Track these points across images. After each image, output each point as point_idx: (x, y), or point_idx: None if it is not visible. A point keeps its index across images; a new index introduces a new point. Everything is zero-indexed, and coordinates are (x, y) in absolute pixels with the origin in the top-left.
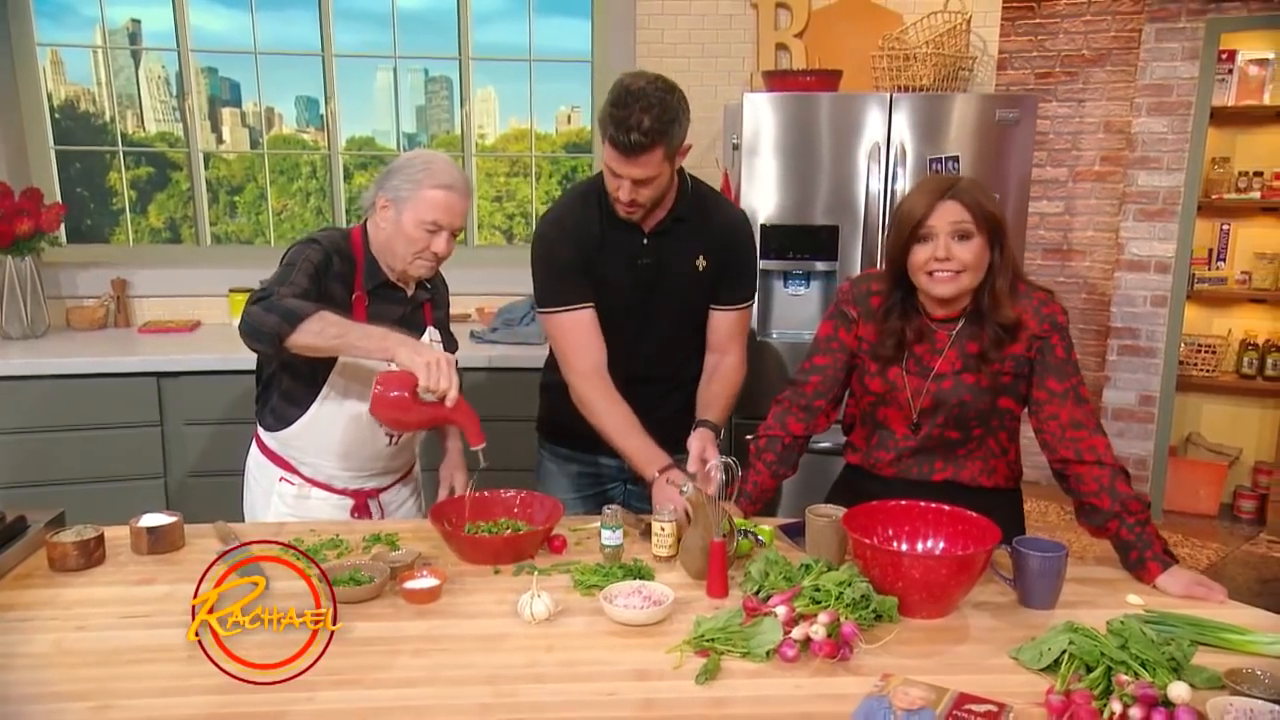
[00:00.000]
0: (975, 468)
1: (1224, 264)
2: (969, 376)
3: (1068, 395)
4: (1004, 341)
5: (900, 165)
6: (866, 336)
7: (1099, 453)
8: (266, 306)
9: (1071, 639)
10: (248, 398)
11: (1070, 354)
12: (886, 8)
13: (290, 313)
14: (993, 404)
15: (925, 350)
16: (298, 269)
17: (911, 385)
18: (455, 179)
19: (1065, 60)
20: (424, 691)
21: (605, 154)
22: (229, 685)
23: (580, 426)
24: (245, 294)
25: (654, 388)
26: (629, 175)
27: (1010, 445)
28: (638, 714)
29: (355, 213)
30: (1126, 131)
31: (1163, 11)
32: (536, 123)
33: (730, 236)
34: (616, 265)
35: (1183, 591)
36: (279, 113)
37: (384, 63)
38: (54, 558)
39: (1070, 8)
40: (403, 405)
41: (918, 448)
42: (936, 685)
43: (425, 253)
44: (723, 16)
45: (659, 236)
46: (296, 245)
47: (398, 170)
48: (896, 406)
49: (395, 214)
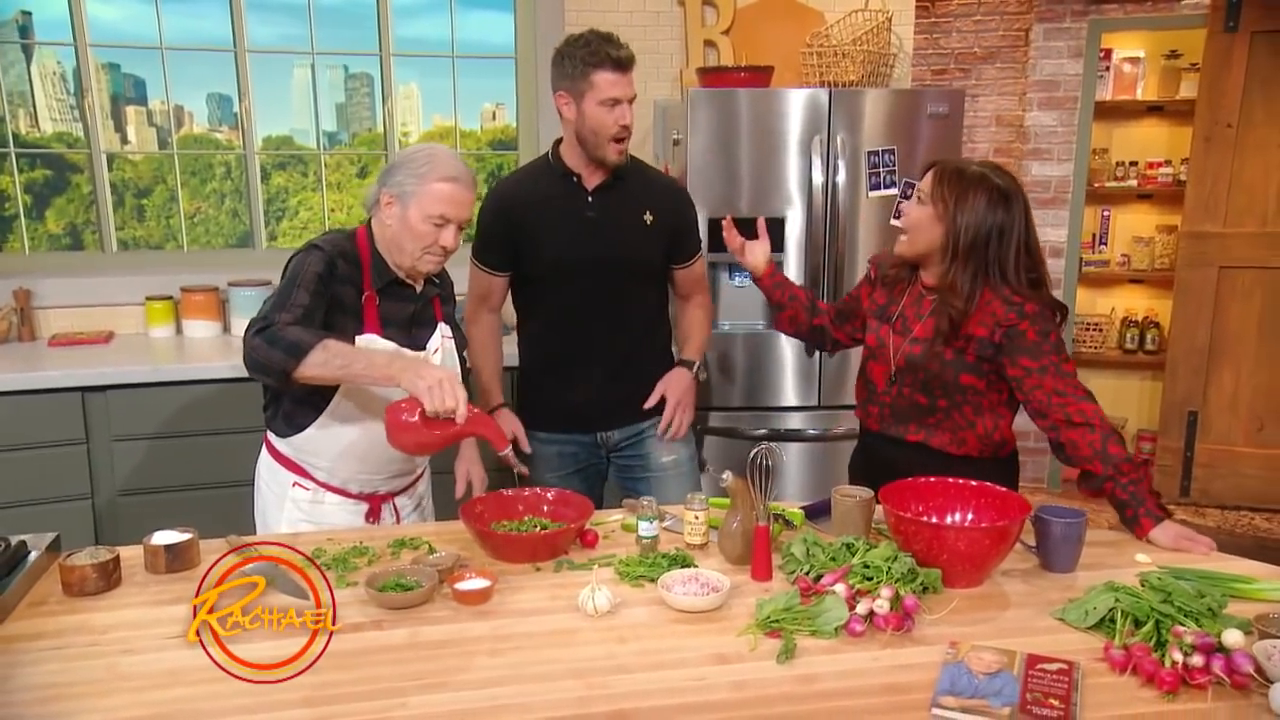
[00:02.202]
0: (944, 437)
1: (1106, 247)
2: (939, 346)
3: (1045, 370)
4: (955, 327)
5: (841, 158)
6: (878, 299)
7: (1087, 416)
8: (269, 339)
9: (1117, 597)
10: (182, 410)
11: (1046, 338)
12: (809, 6)
13: (294, 346)
14: (956, 377)
15: (912, 314)
16: (299, 285)
17: (894, 343)
18: (460, 171)
19: (959, 58)
20: (515, 690)
21: (600, 89)
22: (317, 698)
23: (552, 407)
24: (164, 302)
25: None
26: (627, 95)
27: (976, 419)
28: (733, 695)
29: (274, 214)
30: (1017, 125)
31: (1049, 13)
32: (461, 120)
33: (674, 198)
34: (564, 220)
35: (1171, 543)
36: (189, 111)
37: (301, 59)
38: (71, 582)
39: (962, 7)
40: (416, 429)
41: (893, 405)
42: (1004, 649)
43: (434, 247)
44: (650, 13)
45: (603, 192)
46: (297, 255)
47: (400, 165)
48: (881, 361)
49: (400, 210)
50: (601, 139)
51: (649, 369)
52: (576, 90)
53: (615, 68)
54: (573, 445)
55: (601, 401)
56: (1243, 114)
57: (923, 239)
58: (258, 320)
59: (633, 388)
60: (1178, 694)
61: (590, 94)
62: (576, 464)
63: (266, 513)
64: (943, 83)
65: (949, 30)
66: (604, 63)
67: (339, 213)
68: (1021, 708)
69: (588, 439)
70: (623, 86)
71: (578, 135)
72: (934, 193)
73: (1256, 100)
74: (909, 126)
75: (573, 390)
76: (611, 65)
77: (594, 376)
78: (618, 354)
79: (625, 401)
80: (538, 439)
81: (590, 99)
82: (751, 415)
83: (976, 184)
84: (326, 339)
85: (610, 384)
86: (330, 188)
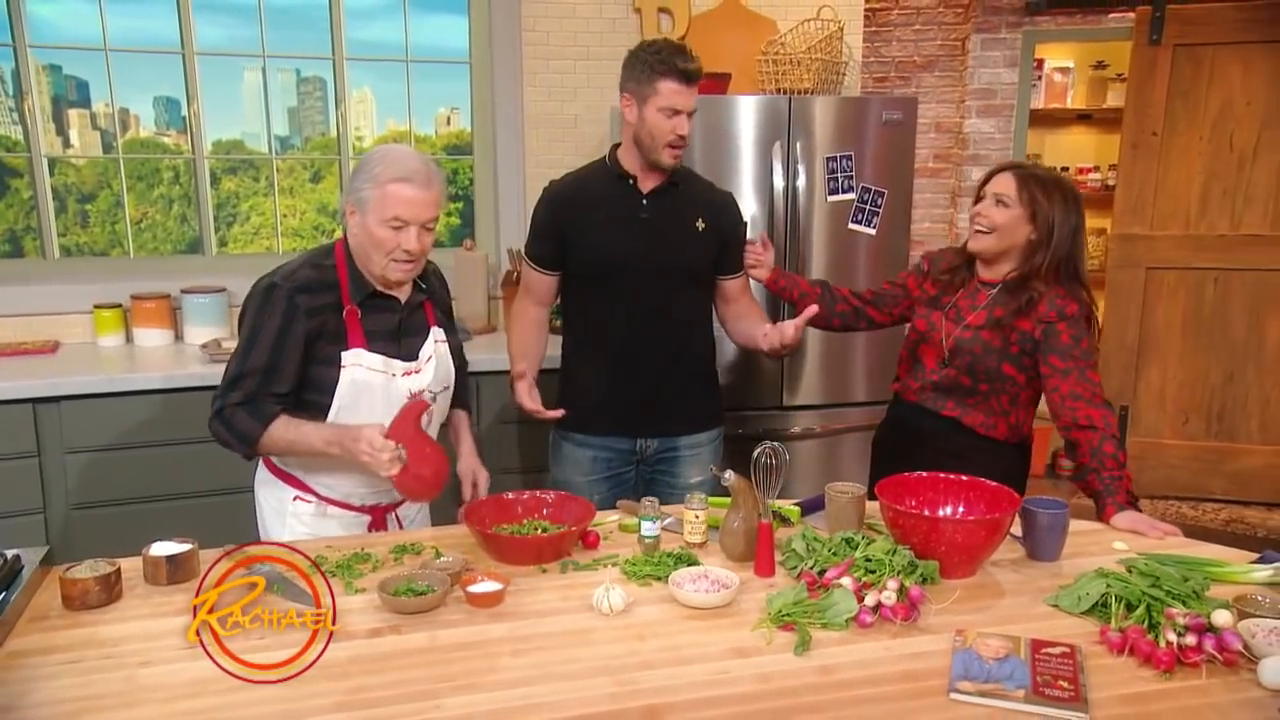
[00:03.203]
0: (978, 418)
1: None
2: (987, 334)
3: (1069, 373)
4: (1023, 312)
5: (802, 163)
6: (929, 290)
7: (1094, 420)
8: (224, 424)
9: (1108, 583)
10: (137, 421)
11: (1079, 342)
12: (761, 14)
13: (244, 436)
14: (999, 365)
15: (967, 304)
16: (256, 345)
17: (946, 328)
18: (412, 169)
19: (899, 65)
20: (546, 689)
21: (664, 98)
22: (351, 702)
23: (595, 408)
24: (113, 310)
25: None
26: (688, 107)
27: (1011, 409)
28: (758, 688)
29: (225, 220)
30: (956, 131)
31: (986, 23)
32: (415, 124)
33: (728, 208)
34: (618, 220)
35: (1128, 527)
36: (135, 114)
37: (251, 62)
38: (73, 595)
39: (902, 17)
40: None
41: (938, 383)
42: (1008, 635)
43: (396, 252)
44: (607, 20)
45: (657, 196)
46: (255, 297)
47: (357, 172)
48: (932, 344)
49: (361, 218)
50: (658, 143)
51: (693, 374)
52: (641, 94)
53: (681, 79)
54: (608, 451)
55: (645, 404)
56: (1167, 123)
57: (1009, 238)
58: (216, 396)
59: (676, 393)
60: (1174, 672)
61: (653, 99)
62: (609, 469)
63: (268, 526)
64: (884, 90)
65: (889, 39)
66: (671, 72)
67: (291, 218)
68: (1034, 690)
69: (625, 445)
70: (685, 98)
71: (635, 137)
72: (1020, 195)
73: (1179, 110)
74: (864, 132)
75: (617, 391)
76: (678, 76)
77: (639, 377)
78: (664, 356)
79: (668, 407)
80: (574, 440)
81: (652, 104)
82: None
83: (1056, 186)
84: (275, 418)
85: (654, 387)
86: (283, 193)
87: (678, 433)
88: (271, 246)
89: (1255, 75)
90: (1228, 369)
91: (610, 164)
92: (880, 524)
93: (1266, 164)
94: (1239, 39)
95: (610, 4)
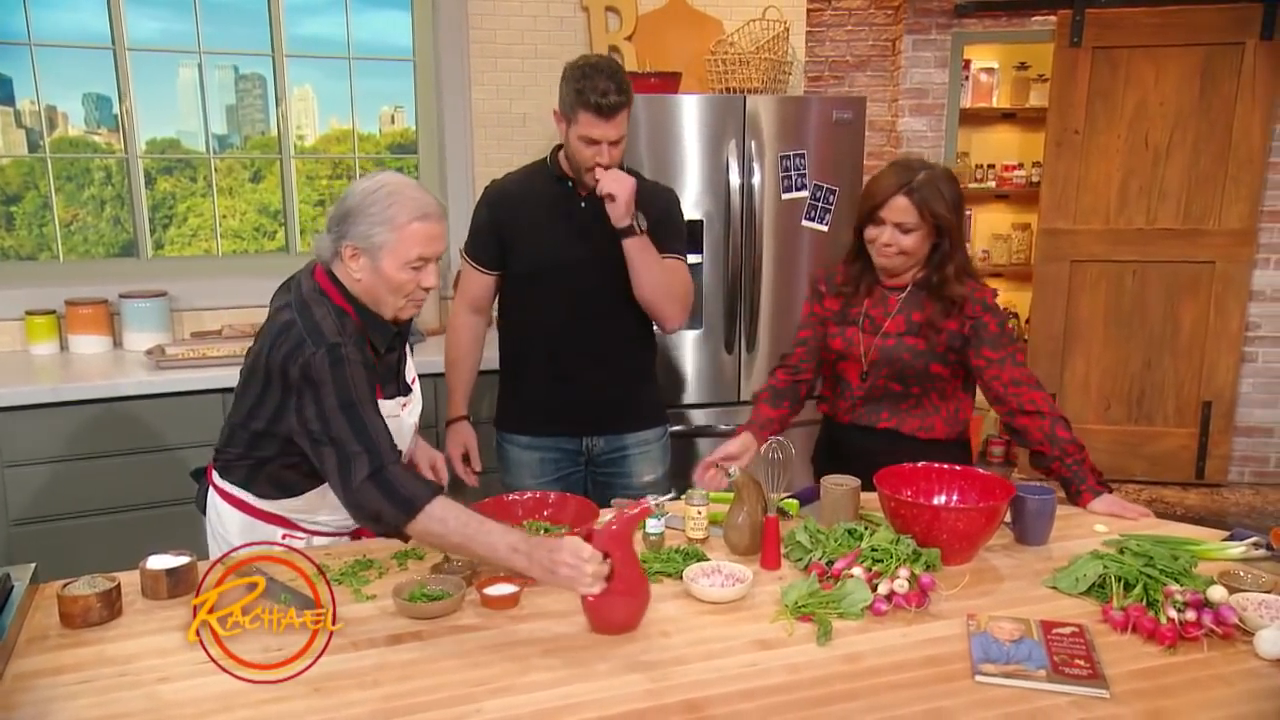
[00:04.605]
0: (914, 423)
1: (969, 244)
2: (910, 339)
3: (1005, 361)
4: (950, 313)
5: (756, 161)
6: (831, 307)
7: (1038, 404)
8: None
9: (1105, 564)
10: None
11: (1004, 329)
12: (708, 14)
13: (408, 502)
14: (927, 367)
15: (879, 312)
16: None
17: (864, 342)
18: (425, 204)
19: (833, 65)
20: (583, 688)
21: (581, 126)
22: (390, 710)
23: (539, 408)
24: (46, 316)
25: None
26: (607, 137)
27: (943, 405)
28: (791, 678)
29: (160, 221)
30: (889, 130)
31: (917, 25)
32: (359, 123)
33: (662, 197)
34: (557, 222)
35: (1106, 511)
36: (63, 112)
37: (187, 58)
38: (74, 613)
39: (835, 18)
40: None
41: (866, 397)
42: (1018, 618)
43: (415, 293)
44: (554, 19)
45: (596, 199)
46: (316, 360)
47: (359, 212)
48: (852, 360)
49: (370, 261)
50: (580, 168)
51: (637, 373)
52: (565, 115)
53: (595, 113)
54: (555, 452)
55: (589, 403)
56: (1088, 122)
57: (918, 254)
58: (358, 458)
59: (621, 393)
60: (1177, 647)
61: (574, 126)
62: (557, 471)
63: None
64: (819, 89)
65: (823, 39)
66: (586, 105)
67: (231, 219)
68: (1054, 669)
69: (572, 446)
70: (601, 129)
71: (565, 153)
72: (922, 217)
73: (1099, 110)
74: (814, 131)
75: (560, 391)
76: (592, 110)
77: (581, 377)
78: (605, 357)
79: (613, 406)
80: (519, 443)
81: (574, 130)
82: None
83: (942, 185)
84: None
85: (598, 386)
86: (221, 193)
87: (624, 430)
88: (210, 249)
89: (1167, 77)
90: (1146, 356)
91: (551, 165)
92: (871, 514)
93: (1178, 162)
94: (1152, 43)
95: (558, 2)
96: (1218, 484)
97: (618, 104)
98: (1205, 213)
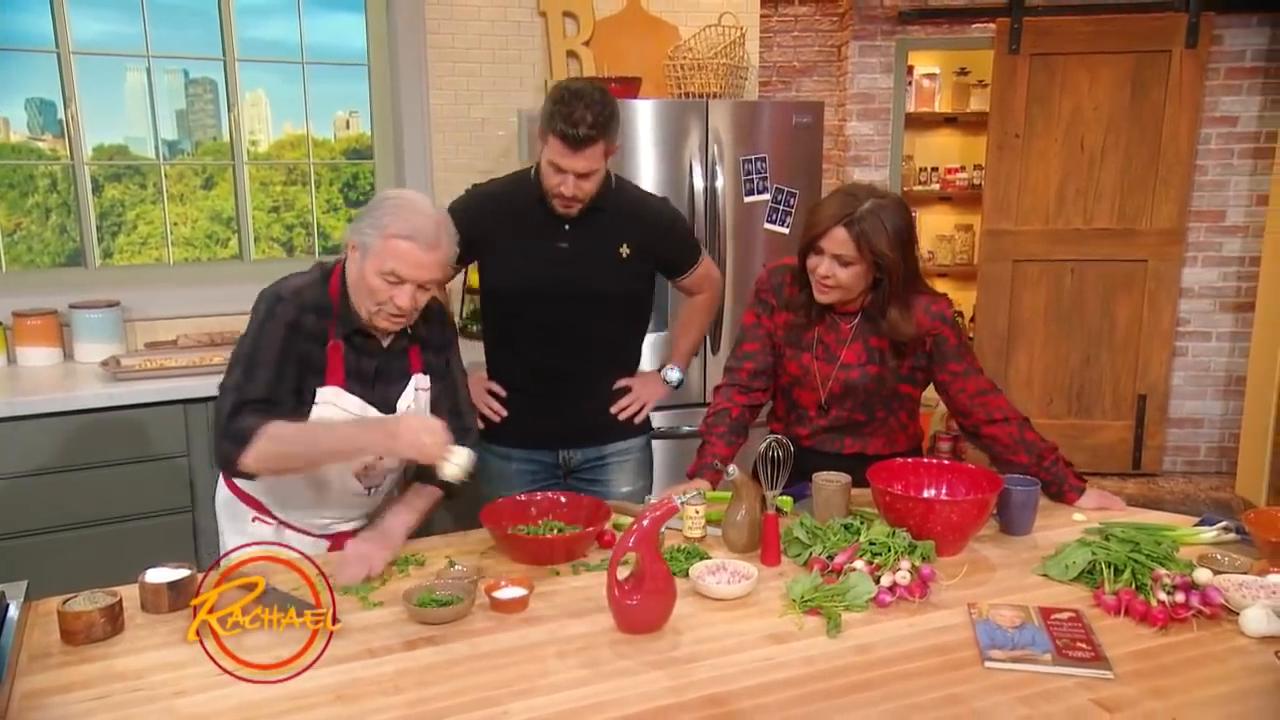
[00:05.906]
0: (879, 442)
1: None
2: (873, 368)
3: (968, 373)
4: (903, 350)
5: (719, 164)
6: (781, 324)
7: (1005, 410)
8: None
9: (1093, 551)
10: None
11: (961, 339)
12: (663, 20)
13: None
14: (895, 388)
15: (832, 339)
16: (258, 362)
17: (821, 371)
18: (418, 227)
19: (780, 70)
20: (605, 687)
21: (550, 150)
22: (416, 715)
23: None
24: None
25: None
26: (573, 169)
27: (910, 421)
28: (806, 670)
29: (109, 229)
30: (837, 134)
31: (863, 31)
32: (313, 128)
33: (653, 222)
34: (534, 248)
35: (1094, 505)
36: (4, 118)
37: (135, 62)
38: (76, 630)
39: (781, 24)
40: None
41: (828, 427)
42: (1016, 605)
43: (388, 304)
44: (512, 23)
45: (577, 223)
46: (262, 308)
47: (369, 210)
48: (809, 389)
49: (360, 259)
50: (548, 192)
51: (615, 392)
52: (541, 133)
53: (563, 141)
54: (531, 464)
55: (565, 423)
56: (1027, 126)
57: (857, 286)
58: (223, 406)
59: (597, 410)
60: (1168, 628)
61: (545, 148)
62: (533, 481)
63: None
64: (768, 94)
65: (770, 45)
66: (554, 132)
67: (183, 226)
68: (1059, 653)
69: (548, 459)
70: (569, 160)
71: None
72: (859, 251)
73: (1037, 114)
74: (773, 135)
75: (536, 410)
76: (560, 138)
77: (559, 397)
78: (583, 377)
79: (589, 423)
80: (496, 453)
81: (544, 153)
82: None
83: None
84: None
85: (574, 406)
86: (172, 199)
87: (602, 441)
88: (161, 257)
89: (1100, 83)
90: (1084, 352)
91: (535, 179)
92: (862, 509)
93: (1112, 164)
94: (1086, 50)
95: (515, 7)
96: (1153, 474)
97: (588, 137)
98: (1138, 213)
